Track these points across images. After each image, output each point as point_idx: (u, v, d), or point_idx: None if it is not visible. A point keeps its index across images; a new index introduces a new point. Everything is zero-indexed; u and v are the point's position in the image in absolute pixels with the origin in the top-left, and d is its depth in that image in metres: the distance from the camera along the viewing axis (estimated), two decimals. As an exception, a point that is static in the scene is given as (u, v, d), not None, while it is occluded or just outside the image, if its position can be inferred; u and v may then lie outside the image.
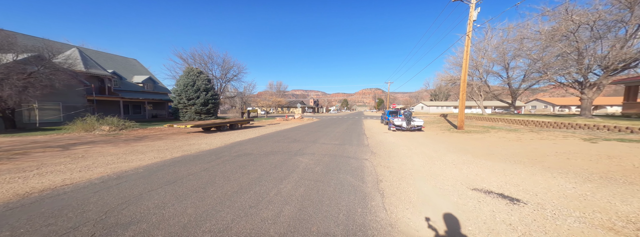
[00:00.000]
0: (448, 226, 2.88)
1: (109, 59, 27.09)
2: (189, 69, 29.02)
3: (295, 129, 17.43)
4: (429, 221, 2.99)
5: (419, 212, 3.24)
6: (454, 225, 2.90)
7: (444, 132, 14.28)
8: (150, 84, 28.58)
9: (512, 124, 16.62)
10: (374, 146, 9.38)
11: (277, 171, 5.24)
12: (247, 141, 10.31)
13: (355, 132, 15.14)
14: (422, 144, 9.92)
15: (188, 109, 27.61)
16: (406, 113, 15.45)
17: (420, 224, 2.93)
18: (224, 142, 9.98)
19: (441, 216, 3.15)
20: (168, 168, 5.51)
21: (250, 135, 13.03)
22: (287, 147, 8.70)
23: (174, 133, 14.11)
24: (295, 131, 15.79)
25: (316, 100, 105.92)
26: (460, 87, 15.17)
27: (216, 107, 30.35)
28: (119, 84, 24.73)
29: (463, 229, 2.79)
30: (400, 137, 12.25)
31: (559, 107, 64.87)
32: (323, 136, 12.61)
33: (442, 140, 11.00)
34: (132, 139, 11.36)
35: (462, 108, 15.26)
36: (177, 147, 8.68)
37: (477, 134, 12.75)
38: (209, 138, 11.58)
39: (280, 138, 11.42)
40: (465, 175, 5.04)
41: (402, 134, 14.09)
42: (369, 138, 11.91)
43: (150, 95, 27.24)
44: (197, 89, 28.03)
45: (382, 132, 15.48)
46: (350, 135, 13.18)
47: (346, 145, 9.41)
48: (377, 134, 14.22)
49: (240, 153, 7.35)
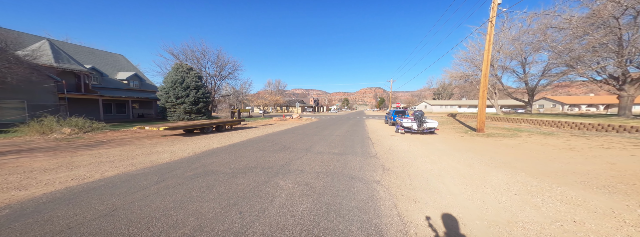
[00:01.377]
0: None
1: (91, 54, 25.04)
2: (178, 65, 26.97)
3: (289, 131, 15.35)
4: None
5: None
6: None
7: (463, 136, 12.16)
8: (137, 81, 26.54)
9: (540, 125, 14.48)
10: (384, 156, 7.29)
11: (233, 215, 3.15)
12: (224, 149, 8.23)
13: (357, 135, 13.05)
14: (444, 152, 7.82)
15: (177, 109, 25.59)
16: (417, 113, 13.34)
17: None
18: (195, 151, 7.91)
19: None
20: (57, 207, 3.43)
21: (234, 139, 10.96)
22: (270, 159, 6.61)
23: (146, 136, 12.06)
24: (289, 133, 13.71)
25: (316, 100, 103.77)
26: (481, 82, 13.02)
27: (208, 106, 28.31)
28: (100, 81, 22.69)
29: None
30: (412, 143, 10.15)
31: (568, 106, 62.48)
32: (320, 140, 10.53)
33: (466, 147, 8.88)
34: (88, 145, 9.31)
35: (482, 107, 13.12)
36: (129, 159, 6.62)
37: (504, 138, 10.64)
38: (182, 144, 9.51)
39: (267, 144, 9.34)
40: (551, 220, 2.94)
41: (413, 137, 11.98)
42: (375, 144, 9.81)
43: (135, 94, 25.19)
44: (187, 87, 25.98)
45: (389, 135, 13.38)
46: (353, 139, 11.09)
47: (348, 155, 7.32)
48: (383, 137, 12.12)
49: (201, 171, 5.27)
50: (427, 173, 5.26)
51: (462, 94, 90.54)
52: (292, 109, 77.99)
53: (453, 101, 79.03)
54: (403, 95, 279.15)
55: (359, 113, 69.93)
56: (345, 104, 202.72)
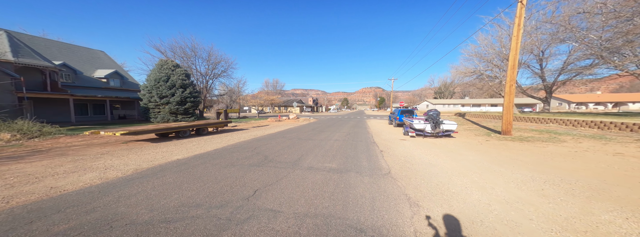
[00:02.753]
0: None
1: (65, 50, 22.81)
2: (163, 61, 24.75)
3: (281, 134, 13.19)
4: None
5: None
6: None
7: (488, 140, 10.02)
8: (117, 79, 24.33)
9: (576, 126, 12.38)
10: (402, 173, 5.14)
11: None
12: (182, 164, 6.07)
13: (360, 139, 10.90)
14: (483, 167, 5.66)
15: (161, 109, 23.38)
16: (432, 113, 11.19)
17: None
18: (141, 166, 5.75)
19: None
20: None
21: (209, 146, 8.79)
22: (234, 185, 4.45)
23: (105, 143, 9.89)
24: (279, 138, 11.55)
25: (315, 99, 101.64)
26: (508, 76, 10.90)
27: (196, 106, 26.09)
28: (72, 79, 20.47)
29: None
30: (431, 150, 8.00)
31: (575, 105, 60.44)
32: (314, 148, 8.38)
33: (506, 157, 6.74)
34: (14, 156, 7.14)
35: (509, 105, 11.00)
36: (22, 184, 4.47)
37: (546, 144, 8.51)
38: (137, 154, 7.34)
39: (245, 154, 7.18)
40: None
41: (428, 142, 9.83)
42: (384, 152, 7.67)
43: (115, 93, 22.98)
44: (172, 85, 23.78)
45: (398, 139, 11.23)
46: (355, 145, 8.94)
47: (350, 172, 5.18)
48: (392, 142, 9.97)
49: (90, 221, 3.11)
50: (489, 215, 3.10)
51: (464, 93, 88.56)
52: (290, 109, 75.81)
53: (456, 100, 77.04)
54: (403, 95, 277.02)
55: (359, 113, 67.81)
56: (345, 104, 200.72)
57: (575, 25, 15.60)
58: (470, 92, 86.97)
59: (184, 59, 32.86)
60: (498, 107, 65.74)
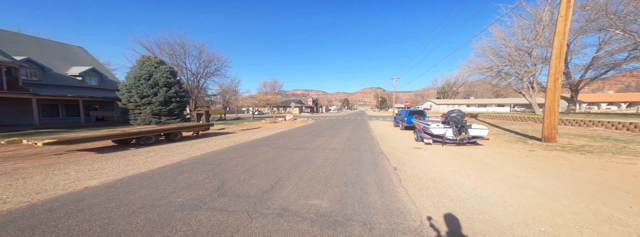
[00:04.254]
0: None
1: (34, 44, 20.61)
2: (144, 57, 22.56)
3: (267, 140, 10.90)
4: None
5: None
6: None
7: (533, 151, 7.68)
8: (95, 77, 22.13)
9: (632, 131, 10.03)
10: (442, 225, 2.83)
11: None
12: (88, 197, 3.80)
13: (364, 147, 8.57)
14: (568, 203, 3.33)
15: (142, 110, 21.13)
16: (454, 115, 8.84)
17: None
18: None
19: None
20: None
21: (155, 163, 6.49)
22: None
23: (33, 154, 7.63)
24: (263, 146, 9.26)
25: (315, 100, 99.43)
26: (551, 66, 8.56)
27: (183, 107, 23.85)
28: (39, 76, 18.27)
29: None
30: (463, 167, 5.67)
31: (586, 105, 57.74)
32: (302, 163, 6.08)
33: (591, 182, 4.39)
34: None
35: (554, 104, 8.67)
36: None
37: (620, 156, 6.17)
38: (37, 176, 5.05)
39: (191, 180, 4.87)
40: None
41: (451, 152, 7.50)
42: (399, 171, 5.35)
43: (90, 92, 20.76)
44: (155, 84, 21.55)
45: (410, 146, 8.91)
46: (358, 159, 6.63)
47: (352, 223, 2.89)
48: (404, 152, 7.65)
49: None
50: None
51: (468, 93, 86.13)
52: (288, 110, 73.53)
53: (460, 100, 74.62)
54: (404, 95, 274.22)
55: (360, 113, 65.47)
56: (346, 104, 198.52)
57: (614, 11, 13.27)
58: (474, 92, 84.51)
59: (173, 56, 30.67)
60: (505, 108, 63.26)
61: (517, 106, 60.88)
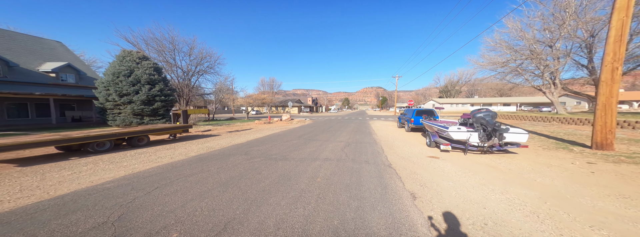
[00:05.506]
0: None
1: (5, 38, 18.76)
2: (125, 52, 20.70)
3: (248, 146, 9.02)
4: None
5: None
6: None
7: (594, 163, 5.76)
8: (72, 74, 20.28)
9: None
10: None
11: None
12: None
13: (365, 157, 6.67)
14: None
15: (121, 110, 19.27)
16: (482, 115, 6.90)
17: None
18: None
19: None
20: None
21: (79, 182, 4.63)
22: None
23: None
24: (237, 155, 7.38)
25: (315, 99, 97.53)
26: (608, 52, 6.66)
27: (169, 106, 21.98)
28: (4, 72, 16.43)
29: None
30: (509, 189, 3.76)
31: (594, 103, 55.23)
32: (280, 184, 4.20)
33: None
34: None
35: (611, 101, 6.77)
36: None
37: None
38: None
39: (88, 225, 3.02)
40: None
41: (481, 164, 5.59)
42: (420, 199, 3.45)
43: (64, 90, 18.93)
44: (136, 81, 19.69)
45: (424, 154, 7.00)
46: (358, 177, 4.73)
47: None
48: (419, 164, 5.75)
49: None
50: None
51: (471, 92, 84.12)
52: (287, 110, 71.72)
53: (463, 99, 72.63)
54: (405, 95, 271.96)
55: (361, 113, 63.58)
56: (346, 104, 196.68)
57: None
58: (478, 91, 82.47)
59: (162, 52, 28.81)
60: (511, 107, 61.16)
61: (524, 105, 58.80)
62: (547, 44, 16.07)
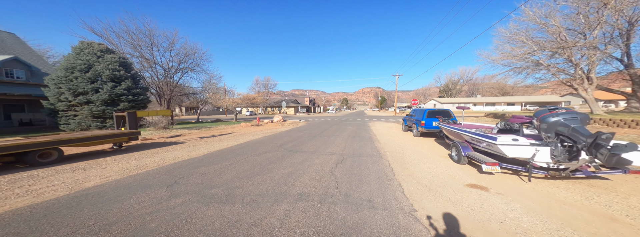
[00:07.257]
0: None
1: None
2: (83, 44, 17.83)
3: (199, 164, 6.27)
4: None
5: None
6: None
7: None
8: (21, 69, 17.39)
9: None
10: None
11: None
12: None
13: (369, 187, 3.95)
14: None
15: (77, 111, 16.35)
16: (563, 119, 4.20)
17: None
18: None
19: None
20: None
21: None
22: None
23: None
24: (158, 189, 4.62)
25: (312, 99, 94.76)
26: None
27: (139, 107, 19.09)
28: None
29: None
30: None
31: (603, 103, 53.27)
32: None
33: None
34: None
35: None
36: None
37: None
38: None
39: None
40: None
41: (570, 206, 2.88)
42: None
43: (6, 88, 16.02)
44: (96, 78, 16.81)
45: (457, 179, 4.25)
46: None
47: None
48: (458, 204, 3.02)
49: None
50: None
51: (472, 91, 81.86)
52: (283, 110, 68.96)
53: (464, 99, 70.29)
54: (404, 95, 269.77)
55: (360, 113, 60.95)
56: (345, 104, 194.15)
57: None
58: (478, 90, 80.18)
59: (138, 47, 25.87)
60: (515, 106, 58.81)
61: (529, 104, 56.42)
62: (580, 31, 13.48)
